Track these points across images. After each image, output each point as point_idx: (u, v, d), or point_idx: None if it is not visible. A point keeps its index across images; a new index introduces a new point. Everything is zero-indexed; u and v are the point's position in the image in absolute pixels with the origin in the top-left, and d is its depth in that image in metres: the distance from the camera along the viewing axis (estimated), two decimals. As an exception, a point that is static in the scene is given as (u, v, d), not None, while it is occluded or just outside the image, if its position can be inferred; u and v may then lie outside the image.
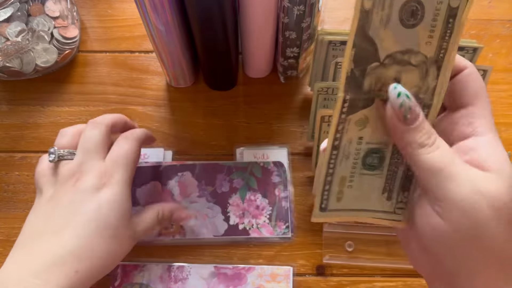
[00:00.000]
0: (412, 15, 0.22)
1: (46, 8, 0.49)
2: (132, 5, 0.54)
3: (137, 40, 0.53)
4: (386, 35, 0.22)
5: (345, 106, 0.24)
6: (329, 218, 0.27)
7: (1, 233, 0.45)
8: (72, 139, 0.35)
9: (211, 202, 0.39)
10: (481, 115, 0.23)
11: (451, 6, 0.21)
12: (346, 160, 0.25)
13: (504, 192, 0.21)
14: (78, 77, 0.51)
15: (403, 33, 0.22)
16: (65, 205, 0.31)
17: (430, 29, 0.22)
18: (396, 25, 0.22)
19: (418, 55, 0.23)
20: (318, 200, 0.26)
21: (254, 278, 0.41)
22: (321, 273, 0.42)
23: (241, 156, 0.45)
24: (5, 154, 0.48)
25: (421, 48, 0.23)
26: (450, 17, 0.22)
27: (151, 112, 0.49)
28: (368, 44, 0.23)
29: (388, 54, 0.23)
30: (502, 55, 0.52)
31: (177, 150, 0.47)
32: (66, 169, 0.33)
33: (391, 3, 0.22)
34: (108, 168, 0.33)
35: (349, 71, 0.23)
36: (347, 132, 0.25)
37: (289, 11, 0.39)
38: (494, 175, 0.21)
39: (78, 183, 0.32)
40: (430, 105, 0.24)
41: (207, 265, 0.42)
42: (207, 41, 0.42)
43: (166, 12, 0.38)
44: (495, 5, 0.55)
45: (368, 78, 0.23)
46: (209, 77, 0.49)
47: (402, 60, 0.23)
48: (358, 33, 0.22)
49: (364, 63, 0.23)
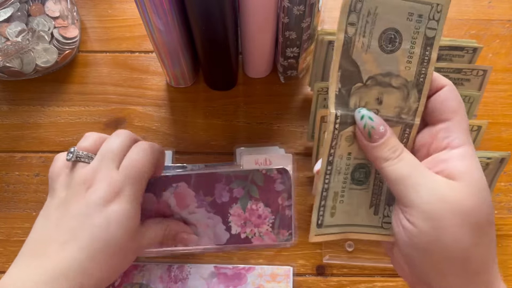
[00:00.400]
0: (390, 42, 0.24)
1: (46, 8, 0.49)
2: (132, 5, 0.54)
3: (137, 40, 0.53)
4: (367, 58, 0.25)
5: (337, 122, 0.25)
6: (324, 237, 0.28)
7: (1, 233, 0.45)
8: (93, 144, 0.34)
9: (211, 212, 0.38)
10: (457, 130, 0.25)
11: (428, 36, 0.24)
12: (338, 175, 0.27)
13: (467, 199, 0.23)
14: (78, 77, 0.51)
15: (383, 58, 0.24)
16: (74, 216, 0.31)
17: (408, 55, 0.24)
18: (376, 50, 0.24)
19: (399, 78, 0.25)
20: (314, 216, 0.28)
21: (254, 278, 0.41)
22: (321, 273, 0.42)
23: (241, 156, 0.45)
24: (5, 154, 0.48)
25: (401, 72, 0.25)
26: (427, 46, 0.24)
27: (151, 112, 0.49)
28: (351, 66, 0.25)
29: (370, 76, 0.25)
30: (502, 55, 0.52)
31: (177, 150, 0.47)
32: (80, 173, 0.32)
33: (371, 30, 0.24)
34: (120, 180, 0.32)
35: (337, 90, 0.25)
36: (339, 148, 0.26)
37: (289, 11, 0.39)
38: (459, 184, 0.23)
39: (90, 192, 0.31)
40: (412, 125, 0.26)
41: (207, 265, 0.42)
42: (207, 41, 0.42)
43: (166, 12, 0.38)
44: (495, 5, 0.55)
45: (353, 97, 0.25)
46: (209, 77, 0.49)
47: (383, 82, 0.25)
48: (343, 56, 0.25)
49: (349, 83, 0.25)
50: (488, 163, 0.39)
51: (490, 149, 0.44)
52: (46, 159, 0.48)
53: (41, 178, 0.47)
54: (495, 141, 0.48)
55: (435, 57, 0.24)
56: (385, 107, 0.26)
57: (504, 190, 0.46)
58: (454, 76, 0.42)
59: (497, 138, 0.48)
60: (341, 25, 0.24)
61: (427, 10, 0.23)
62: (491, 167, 0.40)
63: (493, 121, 0.48)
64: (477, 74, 0.42)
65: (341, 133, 0.26)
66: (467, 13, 0.54)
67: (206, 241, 0.39)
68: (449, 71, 0.42)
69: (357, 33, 0.24)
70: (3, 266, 0.43)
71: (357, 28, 0.24)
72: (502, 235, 0.44)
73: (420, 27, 0.23)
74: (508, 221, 0.44)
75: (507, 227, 0.44)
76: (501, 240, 0.44)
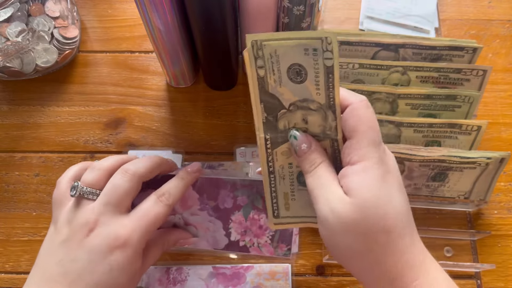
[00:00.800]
0: (298, 75, 0.26)
1: (46, 8, 0.49)
2: (132, 5, 0.54)
3: (137, 40, 0.53)
4: (283, 91, 0.27)
5: (267, 144, 0.29)
6: (283, 225, 0.32)
7: (1, 233, 0.45)
8: (99, 177, 0.33)
9: (212, 216, 0.37)
10: (356, 147, 0.27)
11: (327, 65, 0.26)
12: (283, 180, 0.30)
13: (352, 211, 0.26)
14: (78, 77, 0.51)
15: (296, 88, 0.27)
16: (76, 259, 0.31)
17: (316, 83, 0.26)
18: (288, 83, 0.27)
19: (314, 103, 0.27)
20: (269, 210, 0.31)
21: (253, 276, 0.41)
22: (321, 273, 0.42)
23: (241, 156, 0.45)
24: (5, 154, 0.48)
25: (314, 97, 0.27)
26: (329, 73, 0.26)
27: (151, 112, 0.49)
28: (271, 98, 0.27)
29: (291, 103, 0.28)
30: (502, 55, 0.52)
31: (177, 150, 0.47)
32: (83, 213, 0.31)
33: (279, 68, 0.26)
34: (129, 229, 0.31)
35: (264, 118, 0.28)
36: (277, 161, 0.30)
37: (289, 11, 0.39)
38: (350, 199, 0.26)
39: (92, 236, 0.31)
40: (336, 139, 0.28)
41: (206, 266, 0.42)
42: (207, 41, 0.42)
43: (166, 12, 0.38)
44: (495, 5, 0.55)
45: (281, 121, 0.28)
46: (209, 77, 0.49)
47: (303, 106, 0.28)
48: (261, 92, 0.27)
49: (274, 111, 0.28)
50: (488, 163, 0.39)
51: (490, 149, 0.44)
52: (46, 159, 0.48)
53: (41, 178, 0.47)
54: (495, 141, 0.48)
55: (338, 80, 0.26)
56: (311, 125, 0.28)
57: (504, 190, 0.46)
58: (454, 76, 0.42)
59: (497, 138, 0.48)
60: (252, 70, 0.26)
61: (319, 44, 0.25)
62: (491, 167, 0.40)
63: (493, 121, 0.48)
64: (477, 74, 0.42)
65: (275, 151, 0.29)
66: (467, 13, 0.55)
67: (204, 244, 0.39)
68: (449, 71, 0.42)
69: (267, 73, 0.26)
70: (3, 266, 0.43)
71: (266, 69, 0.26)
72: (502, 235, 0.44)
73: (317, 59, 0.25)
74: (508, 221, 0.44)
75: (507, 227, 0.44)
76: (501, 240, 0.44)
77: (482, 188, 0.42)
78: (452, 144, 0.42)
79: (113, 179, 0.32)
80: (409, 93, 0.41)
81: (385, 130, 0.41)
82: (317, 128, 0.28)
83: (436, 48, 0.42)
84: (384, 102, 0.42)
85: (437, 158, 0.39)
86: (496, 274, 0.42)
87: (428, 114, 0.42)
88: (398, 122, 0.41)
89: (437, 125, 0.41)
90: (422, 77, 0.42)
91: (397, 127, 0.41)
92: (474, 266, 0.42)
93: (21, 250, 0.44)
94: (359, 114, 0.27)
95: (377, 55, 0.43)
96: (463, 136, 0.41)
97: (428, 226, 0.43)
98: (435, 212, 0.44)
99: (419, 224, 0.28)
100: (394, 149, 0.39)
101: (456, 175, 0.41)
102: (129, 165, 0.33)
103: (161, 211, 0.33)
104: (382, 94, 0.41)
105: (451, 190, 0.42)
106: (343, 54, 0.43)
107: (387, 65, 0.42)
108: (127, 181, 0.32)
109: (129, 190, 0.32)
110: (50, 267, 0.31)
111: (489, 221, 0.44)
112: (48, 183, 0.46)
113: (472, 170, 0.40)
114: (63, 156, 0.48)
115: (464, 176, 0.41)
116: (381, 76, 0.42)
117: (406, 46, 0.42)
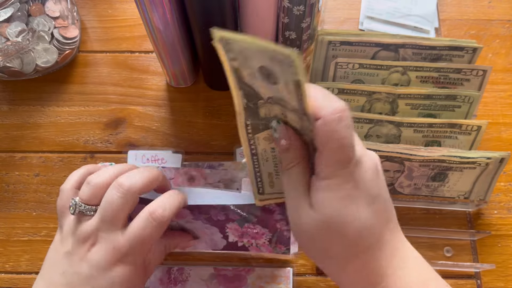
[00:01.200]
0: (269, 77, 0.25)
1: (46, 8, 0.49)
2: (132, 5, 0.54)
3: (137, 40, 0.53)
4: (259, 85, 0.26)
5: (248, 129, 0.29)
6: (269, 200, 0.32)
7: (1, 233, 0.45)
8: (94, 193, 0.32)
9: (207, 224, 0.37)
10: (323, 163, 0.26)
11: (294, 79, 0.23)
12: (267, 162, 0.30)
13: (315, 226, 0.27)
14: (78, 77, 0.51)
15: (270, 87, 0.25)
16: (79, 272, 0.31)
17: (287, 90, 0.25)
18: (262, 80, 0.25)
19: (290, 104, 0.26)
20: (254, 188, 0.31)
21: (254, 279, 0.41)
22: (321, 273, 0.42)
23: (241, 156, 0.45)
24: (5, 154, 0.48)
25: (289, 101, 0.25)
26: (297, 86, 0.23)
27: (151, 112, 0.49)
28: (248, 88, 0.27)
29: (269, 96, 0.27)
30: (502, 55, 0.52)
31: (177, 150, 0.47)
32: (84, 228, 0.32)
33: (250, 65, 0.25)
34: (125, 246, 0.31)
35: (244, 104, 0.27)
36: (259, 145, 0.30)
37: (289, 11, 0.39)
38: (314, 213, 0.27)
39: (92, 251, 0.31)
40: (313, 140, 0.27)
41: (207, 267, 0.42)
42: (207, 41, 0.42)
43: (166, 12, 0.38)
44: (494, 5, 0.55)
45: (262, 109, 0.28)
46: (209, 77, 0.49)
47: (280, 103, 0.27)
48: (238, 81, 0.26)
49: (253, 99, 0.27)
50: (488, 163, 0.39)
51: (490, 149, 0.44)
52: (46, 159, 0.48)
53: (41, 178, 0.47)
54: (495, 141, 0.48)
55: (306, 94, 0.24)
56: (290, 121, 0.27)
57: (504, 190, 0.46)
58: (454, 76, 0.42)
59: (497, 138, 0.48)
60: (225, 61, 0.25)
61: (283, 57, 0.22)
62: (491, 167, 0.40)
63: (493, 121, 0.48)
64: (477, 74, 0.42)
65: (256, 136, 0.29)
66: (467, 13, 0.55)
67: (203, 246, 0.39)
68: (449, 71, 0.42)
69: (241, 66, 0.25)
70: (3, 266, 0.43)
71: (239, 61, 0.25)
72: (501, 235, 0.44)
73: (284, 69, 0.23)
74: (508, 221, 0.44)
75: (507, 227, 0.44)
76: (501, 240, 0.44)
77: (482, 188, 0.42)
78: (452, 144, 0.42)
79: (107, 194, 0.32)
80: (409, 93, 0.41)
81: (385, 130, 0.41)
82: (296, 124, 0.27)
83: (436, 48, 0.42)
84: (384, 102, 0.42)
85: (437, 158, 0.39)
86: (496, 274, 0.42)
87: (428, 114, 0.42)
88: (398, 122, 0.41)
89: (437, 125, 0.41)
90: (422, 77, 0.42)
91: (397, 127, 0.41)
92: (474, 266, 0.42)
93: (21, 250, 0.44)
94: (329, 130, 0.25)
95: (377, 55, 0.43)
96: (463, 136, 0.41)
97: (428, 226, 0.43)
98: (435, 212, 0.44)
99: (419, 224, 0.29)
100: (394, 149, 0.39)
101: (456, 175, 0.41)
102: (124, 178, 0.32)
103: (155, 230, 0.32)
104: (382, 94, 0.41)
105: (451, 190, 0.42)
106: (343, 54, 0.43)
107: (387, 65, 0.42)
108: (120, 197, 0.31)
109: (122, 206, 0.31)
110: (54, 276, 0.32)
111: (489, 221, 0.44)
112: (48, 183, 0.46)
113: (472, 170, 0.40)
114: (63, 156, 0.48)
115: (464, 176, 0.41)
116: (381, 76, 0.42)
117: (406, 46, 0.42)
